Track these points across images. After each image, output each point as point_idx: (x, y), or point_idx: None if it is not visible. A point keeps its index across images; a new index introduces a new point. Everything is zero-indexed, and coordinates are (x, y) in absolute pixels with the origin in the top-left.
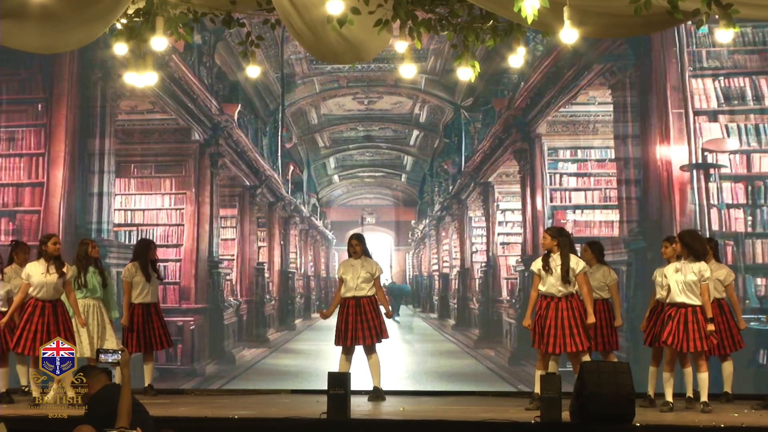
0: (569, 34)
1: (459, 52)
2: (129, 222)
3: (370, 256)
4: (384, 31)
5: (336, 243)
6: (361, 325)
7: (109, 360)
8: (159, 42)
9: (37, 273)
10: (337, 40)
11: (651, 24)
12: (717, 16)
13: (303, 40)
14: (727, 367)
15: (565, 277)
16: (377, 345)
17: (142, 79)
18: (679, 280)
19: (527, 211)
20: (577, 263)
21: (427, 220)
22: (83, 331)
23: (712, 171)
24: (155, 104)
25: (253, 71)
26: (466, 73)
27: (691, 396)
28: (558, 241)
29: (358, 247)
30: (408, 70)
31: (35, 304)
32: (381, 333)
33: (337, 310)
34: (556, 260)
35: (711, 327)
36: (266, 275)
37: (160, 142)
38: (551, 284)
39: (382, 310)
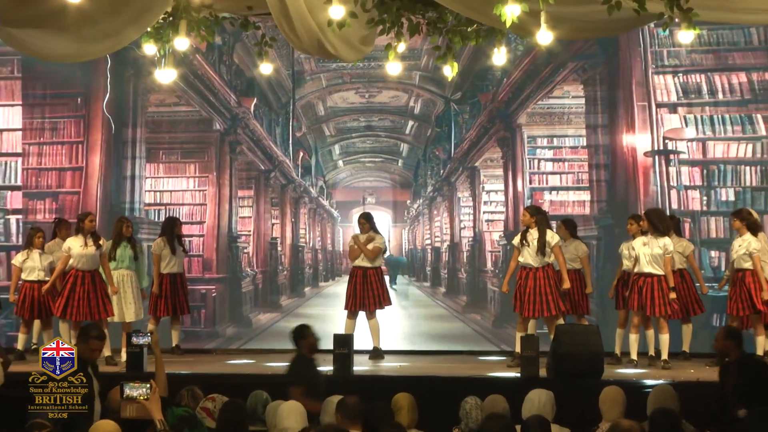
0: (544, 37)
1: (441, 53)
2: (158, 202)
3: (377, 232)
4: (368, 41)
5: (340, 220)
6: (366, 294)
7: (140, 342)
8: (182, 42)
9: (76, 246)
10: (324, 45)
11: (618, 27)
12: (677, 20)
13: (288, 36)
14: (687, 329)
15: (542, 249)
16: (378, 311)
17: (164, 75)
18: (647, 253)
19: (509, 192)
20: (552, 237)
21: (421, 200)
22: (114, 298)
23: (672, 157)
24: (181, 98)
25: (266, 69)
26: (447, 70)
27: (653, 355)
28: (536, 218)
29: (365, 225)
30: (394, 68)
31: (76, 274)
32: (384, 300)
33: (347, 279)
34: (533, 235)
35: (673, 295)
36: (279, 249)
37: (186, 131)
38: (529, 255)
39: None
